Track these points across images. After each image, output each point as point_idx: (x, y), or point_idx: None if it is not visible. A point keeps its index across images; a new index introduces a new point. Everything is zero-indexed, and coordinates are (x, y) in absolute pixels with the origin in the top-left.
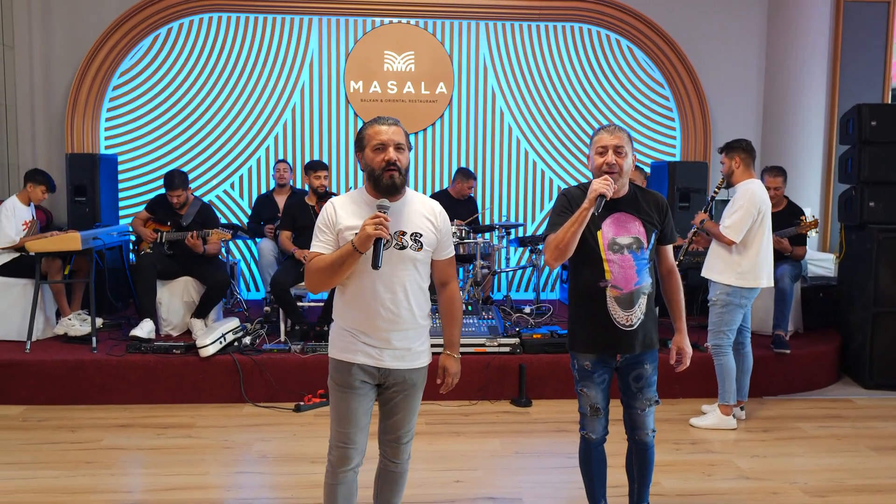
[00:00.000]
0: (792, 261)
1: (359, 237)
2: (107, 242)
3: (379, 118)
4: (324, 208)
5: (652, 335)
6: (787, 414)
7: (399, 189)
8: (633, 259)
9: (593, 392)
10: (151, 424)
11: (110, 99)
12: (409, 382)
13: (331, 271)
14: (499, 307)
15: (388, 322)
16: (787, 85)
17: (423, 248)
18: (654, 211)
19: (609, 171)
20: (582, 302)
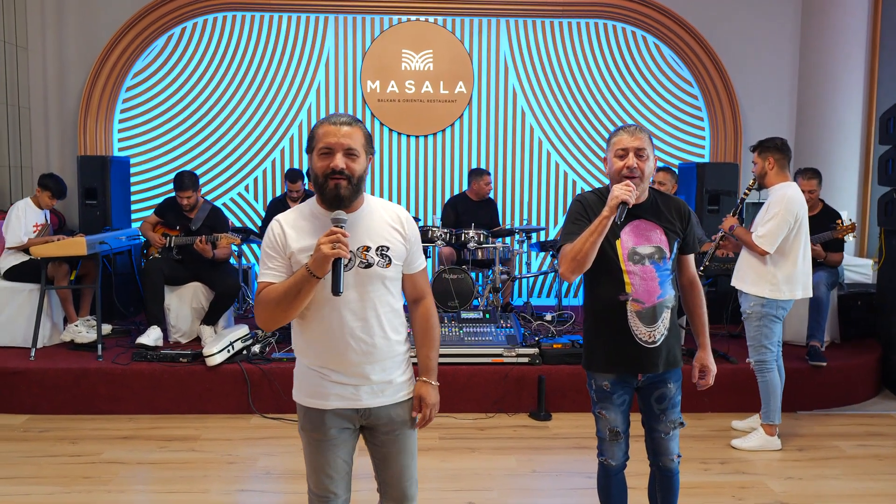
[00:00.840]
0: (828, 267)
1: (314, 259)
2: (114, 247)
3: (332, 116)
4: (269, 228)
5: (675, 352)
6: (824, 431)
7: (345, 201)
8: (655, 270)
9: (612, 415)
10: (155, 436)
11: (123, 100)
12: (396, 421)
13: (285, 304)
14: (519, 314)
15: (362, 354)
16: (822, 82)
17: (391, 262)
18: (675, 218)
19: (630, 175)
20: (600, 317)
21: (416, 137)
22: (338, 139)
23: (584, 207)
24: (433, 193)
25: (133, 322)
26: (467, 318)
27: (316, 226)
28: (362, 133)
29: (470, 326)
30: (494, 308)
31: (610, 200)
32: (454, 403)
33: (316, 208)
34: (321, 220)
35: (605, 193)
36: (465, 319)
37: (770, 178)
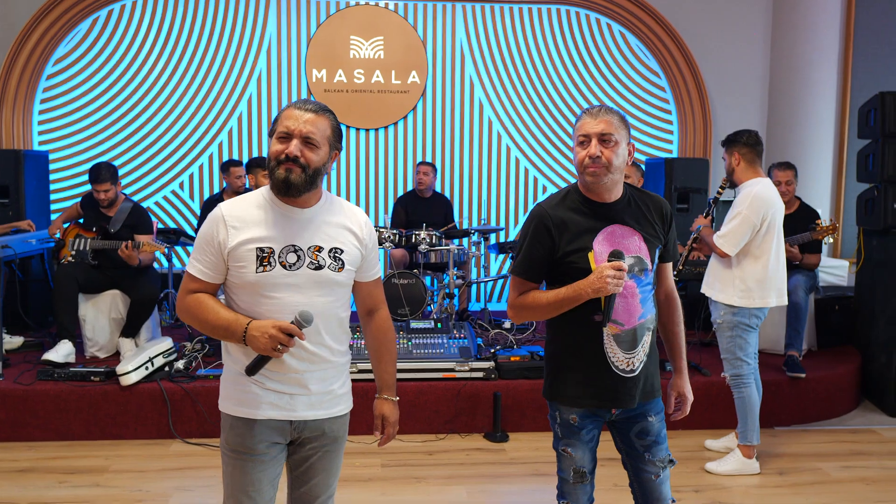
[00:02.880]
0: (805, 270)
1: (252, 338)
2: (20, 251)
3: (299, 101)
4: (210, 215)
5: (654, 381)
6: (805, 451)
7: (293, 189)
8: (636, 285)
9: (579, 453)
10: (57, 469)
11: (44, 90)
12: (329, 436)
13: (209, 332)
14: (475, 322)
15: (303, 361)
16: (794, 74)
17: (344, 267)
18: (656, 219)
19: (593, 166)
20: (570, 341)
21: (366, 131)
22: (298, 125)
23: (546, 228)
24: (384, 191)
25: (49, 334)
26: (417, 329)
27: (268, 216)
28: (328, 124)
29: (419, 337)
30: (448, 316)
31: (596, 282)
32: (401, 424)
33: (270, 196)
34: (274, 210)
35: (571, 197)
36: (414, 330)
37: (738, 175)
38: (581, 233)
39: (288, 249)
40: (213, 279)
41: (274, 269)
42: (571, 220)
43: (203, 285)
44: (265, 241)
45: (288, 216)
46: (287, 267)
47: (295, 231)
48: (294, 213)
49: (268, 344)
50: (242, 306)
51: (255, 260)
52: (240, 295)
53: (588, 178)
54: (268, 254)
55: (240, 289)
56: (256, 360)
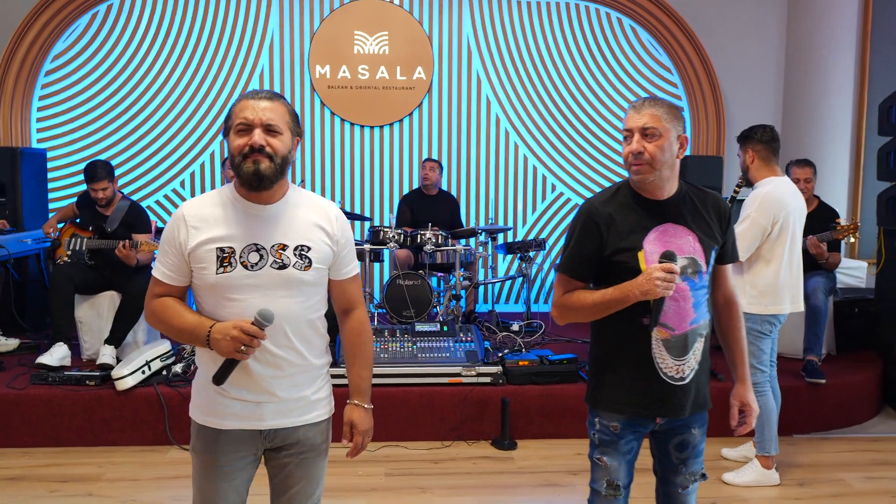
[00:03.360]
0: (825, 271)
1: (216, 341)
2: (15, 251)
3: (251, 91)
4: (173, 215)
5: (705, 392)
6: (826, 460)
7: (265, 181)
8: (689, 288)
9: (616, 463)
10: (49, 476)
11: (42, 86)
12: (305, 443)
13: (175, 336)
14: (482, 324)
15: (269, 367)
16: (810, 70)
17: (311, 265)
18: (713, 218)
19: (636, 163)
20: (615, 345)
21: (371, 128)
22: (256, 114)
23: (595, 224)
24: (389, 190)
25: (46, 336)
26: (422, 332)
27: (229, 214)
28: (286, 109)
29: (425, 340)
30: (454, 318)
31: (644, 284)
32: (405, 431)
33: (234, 193)
34: (236, 208)
35: (622, 193)
36: (419, 333)
37: (753, 173)
38: (631, 231)
39: (250, 248)
40: (178, 282)
41: (235, 270)
42: (621, 216)
43: (168, 289)
44: (226, 240)
45: (251, 213)
46: (249, 267)
47: (257, 229)
48: (257, 210)
49: (230, 346)
50: (207, 309)
51: (215, 261)
52: (204, 298)
53: (633, 175)
54: (228, 254)
55: (203, 291)
56: (223, 367)
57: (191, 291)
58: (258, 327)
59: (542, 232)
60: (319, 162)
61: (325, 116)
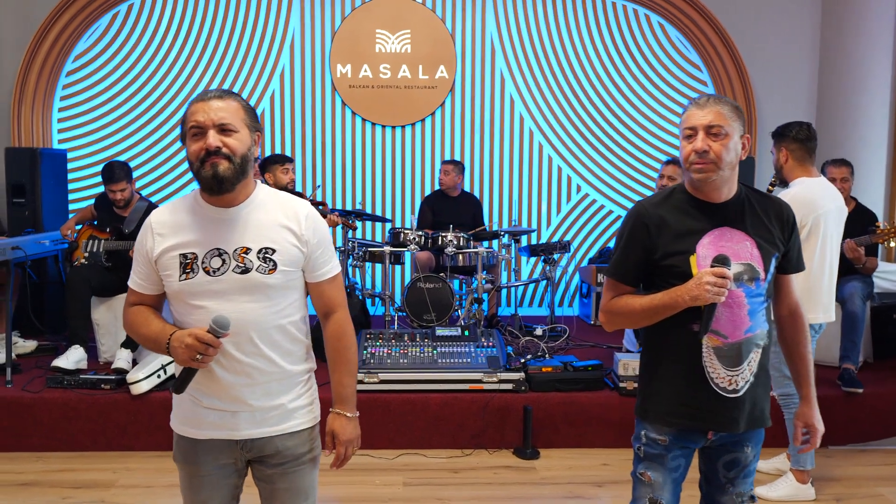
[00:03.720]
0: (862, 276)
1: (173, 350)
2: (31, 253)
3: (200, 92)
4: (142, 225)
5: (763, 406)
6: (863, 473)
7: (226, 183)
8: (744, 295)
9: (661, 479)
10: (62, 482)
11: (63, 86)
12: (285, 454)
13: (144, 343)
14: (505, 328)
15: (238, 375)
16: (845, 66)
17: (277, 268)
18: (775, 225)
19: (699, 161)
20: (664, 352)
21: (392, 128)
22: (208, 115)
23: (646, 226)
24: (410, 191)
25: (64, 338)
26: (442, 336)
27: (194, 220)
28: (240, 105)
29: (445, 345)
30: (476, 322)
31: (694, 289)
32: (424, 438)
33: (197, 198)
34: (200, 213)
35: (676, 196)
36: (439, 337)
37: (787, 173)
38: (684, 233)
39: (212, 253)
40: (149, 290)
41: (197, 276)
42: (674, 219)
43: (140, 297)
44: (188, 246)
45: (214, 217)
46: (211, 272)
47: (220, 233)
48: (220, 214)
49: (185, 354)
50: (177, 317)
51: (178, 267)
52: (173, 305)
53: (695, 174)
54: (191, 260)
55: (171, 299)
56: (181, 376)
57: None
58: (213, 335)
59: (567, 234)
60: (340, 163)
61: (346, 116)
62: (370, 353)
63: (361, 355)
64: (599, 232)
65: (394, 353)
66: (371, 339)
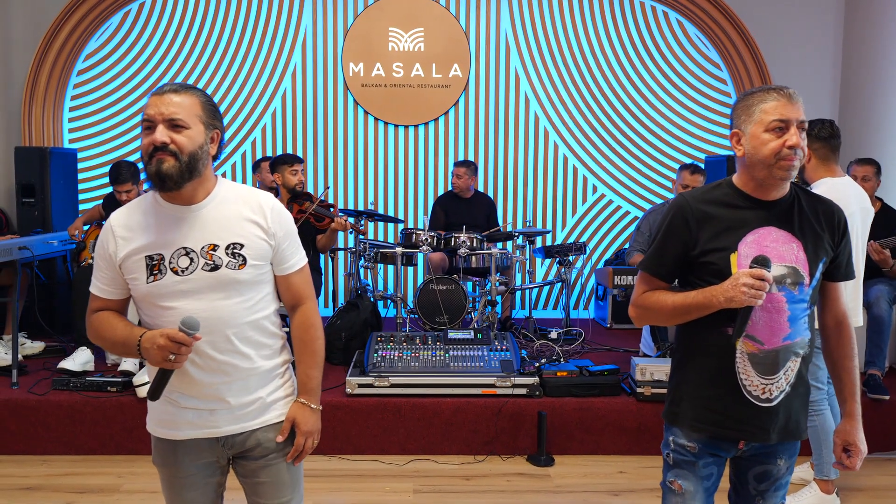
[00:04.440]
0: (889, 279)
1: (145, 352)
2: (39, 253)
3: (161, 86)
4: (103, 227)
5: (800, 418)
6: (889, 483)
7: (169, 181)
8: (785, 300)
9: (692, 487)
10: (66, 486)
11: (74, 86)
12: (267, 446)
13: (110, 349)
14: (519, 331)
15: (213, 373)
16: (869, 64)
17: (246, 263)
18: (825, 228)
19: (792, 158)
20: (696, 355)
21: (405, 127)
22: (158, 109)
23: (684, 220)
24: (423, 192)
25: (74, 339)
26: (455, 339)
27: (156, 220)
28: (197, 101)
29: (458, 348)
30: (490, 325)
31: (730, 289)
32: (436, 444)
33: (156, 198)
34: (161, 213)
35: (723, 189)
36: (452, 340)
37: (809, 173)
38: (726, 230)
39: (179, 253)
40: (113, 295)
41: (165, 277)
42: (718, 213)
43: (104, 303)
44: (153, 247)
45: (176, 216)
46: (179, 272)
47: (185, 231)
48: (182, 212)
49: (158, 355)
50: (147, 321)
51: (145, 269)
52: (143, 309)
53: (780, 171)
54: (157, 261)
55: (139, 302)
56: (156, 379)
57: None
58: (185, 333)
59: (583, 235)
60: (352, 162)
61: (358, 115)
62: (381, 356)
63: (372, 358)
64: (616, 233)
65: (405, 356)
66: (382, 342)
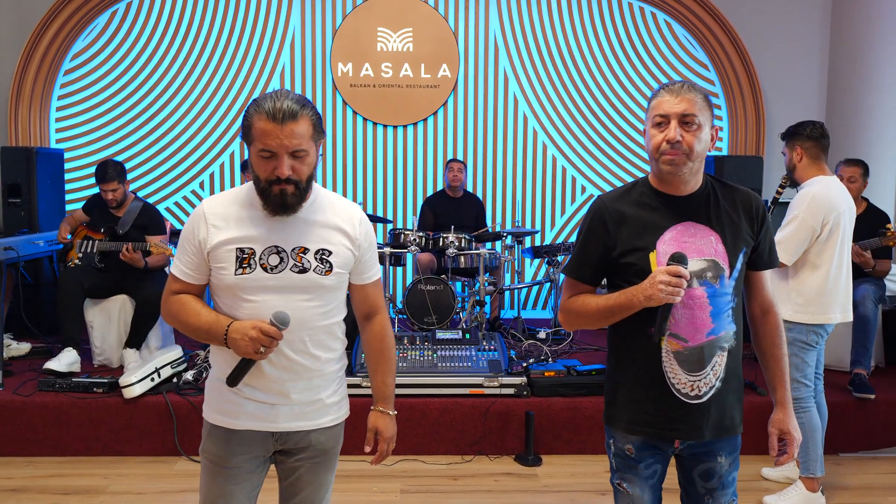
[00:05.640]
0: (874, 279)
1: (232, 340)
2: (24, 253)
3: (269, 101)
4: (193, 212)
5: (733, 415)
6: (874, 482)
7: (292, 209)
8: (706, 295)
9: (637, 490)
10: (51, 488)
11: (61, 85)
12: (317, 447)
13: (192, 335)
14: (507, 331)
15: (283, 370)
16: (855, 64)
17: (333, 270)
18: (742, 217)
19: (671, 152)
20: (624, 357)
21: (394, 128)
22: (280, 141)
23: (602, 222)
24: (412, 191)
25: (60, 340)
26: (443, 339)
27: (252, 215)
28: (309, 121)
29: (445, 349)
30: (478, 325)
31: (648, 288)
32: (424, 444)
33: (255, 196)
34: (258, 209)
35: (638, 189)
36: (440, 340)
37: (800, 173)
38: (644, 229)
39: (270, 251)
40: (196, 280)
41: (254, 272)
42: (634, 214)
43: (185, 286)
44: (246, 241)
45: (272, 216)
46: (268, 269)
47: (279, 231)
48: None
49: (249, 346)
50: (224, 309)
51: (234, 261)
52: (221, 297)
53: (664, 166)
54: (248, 255)
55: (221, 290)
56: (238, 368)
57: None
58: (277, 326)
59: (571, 235)
60: (341, 162)
61: (347, 115)
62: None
63: (359, 359)
64: None
65: None
66: None
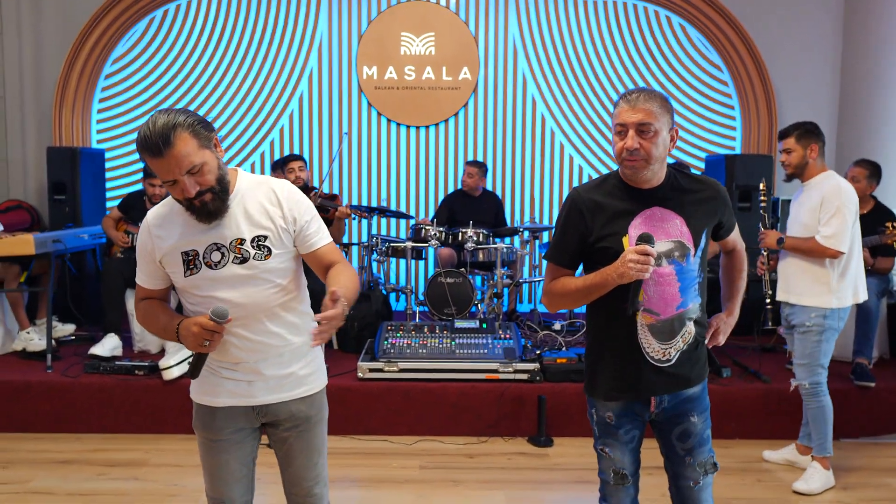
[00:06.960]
0: (877, 274)
1: (183, 339)
2: (71, 246)
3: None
4: (141, 226)
5: (699, 367)
6: (873, 465)
7: (221, 213)
8: (675, 273)
9: (618, 453)
10: (97, 461)
11: (102, 88)
12: (299, 416)
13: (157, 334)
14: (524, 323)
15: (250, 352)
16: (868, 66)
17: (271, 253)
18: (703, 201)
19: (630, 159)
20: (603, 332)
21: (417, 128)
22: (170, 169)
23: (578, 211)
24: (434, 190)
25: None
26: (461, 328)
27: (190, 221)
28: (187, 135)
29: (463, 337)
30: (495, 316)
31: (620, 266)
32: (442, 426)
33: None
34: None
35: (609, 182)
36: (458, 329)
37: (811, 169)
38: (616, 216)
39: (211, 248)
40: (155, 285)
41: (200, 271)
42: (607, 203)
43: (148, 292)
44: (188, 245)
45: None
46: (213, 266)
47: (216, 229)
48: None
49: (193, 341)
50: (189, 308)
51: (181, 265)
52: (183, 297)
53: (626, 170)
54: (193, 257)
55: (180, 292)
56: (194, 361)
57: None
58: (215, 321)
59: None
60: (366, 162)
61: (371, 117)
62: (391, 343)
63: (383, 345)
64: None
65: (413, 343)
66: (392, 331)
